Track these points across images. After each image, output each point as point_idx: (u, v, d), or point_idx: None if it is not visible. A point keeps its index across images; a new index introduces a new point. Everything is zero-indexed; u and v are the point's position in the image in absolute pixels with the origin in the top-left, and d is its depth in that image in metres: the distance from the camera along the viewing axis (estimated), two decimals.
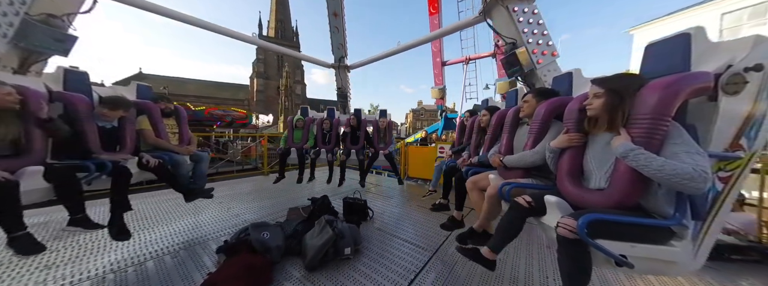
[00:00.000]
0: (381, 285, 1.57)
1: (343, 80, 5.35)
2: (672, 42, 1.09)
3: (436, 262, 1.84)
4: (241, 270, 1.47)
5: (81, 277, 1.53)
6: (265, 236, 1.78)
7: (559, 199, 1.12)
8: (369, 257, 1.88)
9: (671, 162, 0.85)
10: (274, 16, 46.17)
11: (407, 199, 3.46)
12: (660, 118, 0.92)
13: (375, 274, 1.68)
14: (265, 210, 2.85)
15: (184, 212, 2.67)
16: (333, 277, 1.63)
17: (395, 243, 2.12)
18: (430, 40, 4.19)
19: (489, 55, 7.14)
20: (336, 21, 4.85)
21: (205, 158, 2.47)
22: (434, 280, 1.62)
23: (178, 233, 2.20)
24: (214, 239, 2.08)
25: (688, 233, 0.94)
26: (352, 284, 1.57)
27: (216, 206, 2.91)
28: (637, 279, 1.63)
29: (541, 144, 1.43)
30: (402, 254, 1.94)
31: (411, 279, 1.63)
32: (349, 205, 2.58)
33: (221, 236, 2.14)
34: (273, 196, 3.43)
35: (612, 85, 1.05)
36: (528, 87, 2.54)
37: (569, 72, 1.72)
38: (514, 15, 2.43)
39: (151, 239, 2.05)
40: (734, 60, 0.93)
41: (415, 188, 4.22)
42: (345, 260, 1.81)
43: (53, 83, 1.81)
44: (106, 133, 1.83)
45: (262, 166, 5.29)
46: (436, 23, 7.52)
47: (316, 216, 2.19)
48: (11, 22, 1.65)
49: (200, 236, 2.14)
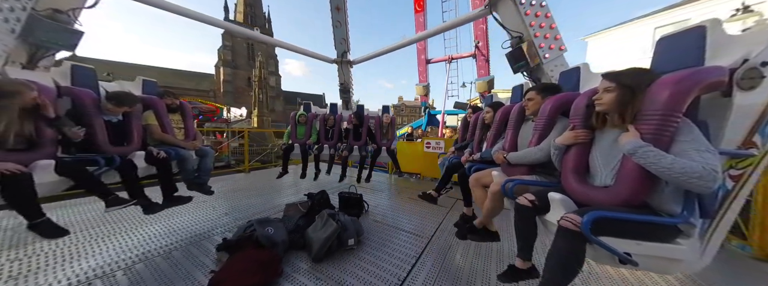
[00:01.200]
0: (386, 270, 1.72)
1: (346, 76, 5.32)
2: (686, 35, 1.05)
3: (433, 248, 2.05)
4: (252, 265, 1.50)
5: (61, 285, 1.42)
6: (269, 231, 1.81)
7: (564, 196, 1.10)
8: (371, 247, 2.01)
9: (680, 160, 0.83)
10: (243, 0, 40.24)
11: (398, 192, 3.68)
12: (671, 114, 0.89)
13: (379, 261, 1.83)
14: (254, 208, 2.84)
15: (162, 213, 2.38)
16: (340, 266, 1.74)
17: (393, 233, 2.29)
18: (433, 34, 4.12)
19: (470, 56, 7.20)
20: (338, 15, 4.79)
21: (210, 153, 2.50)
22: (433, 263, 1.83)
23: (161, 235, 2.14)
24: (208, 239, 2.08)
25: (696, 231, 0.93)
26: (359, 272, 1.68)
27: (200, 205, 2.85)
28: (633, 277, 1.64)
29: (546, 141, 1.41)
30: (401, 242, 2.12)
31: (412, 263, 1.80)
32: (346, 199, 2.62)
33: (214, 235, 2.14)
34: (260, 194, 3.43)
35: (625, 80, 1.01)
36: (533, 82, 2.49)
37: (577, 67, 1.68)
38: (521, 8, 2.36)
39: (136, 243, 1.99)
40: (750, 54, 0.89)
41: (402, 181, 4.34)
42: (349, 250, 1.92)
43: (61, 78, 1.84)
44: (113, 128, 1.87)
45: (239, 163, 5.22)
46: (421, 21, 7.49)
47: (316, 211, 2.23)
48: (18, 17, 1.66)
49: (190, 236, 2.12)
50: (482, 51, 6.66)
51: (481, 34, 6.91)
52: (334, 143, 3.85)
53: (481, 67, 6.73)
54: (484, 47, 6.79)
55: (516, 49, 2.44)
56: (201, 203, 2.93)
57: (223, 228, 2.30)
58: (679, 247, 0.92)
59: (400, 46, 4.52)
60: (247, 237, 1.76)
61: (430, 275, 1.68)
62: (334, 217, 1.98)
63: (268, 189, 3.69)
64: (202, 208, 2.80)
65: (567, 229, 0.93)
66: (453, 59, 7.68)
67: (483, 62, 6.79)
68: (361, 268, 1.72)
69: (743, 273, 1.79)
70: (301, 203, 2.53)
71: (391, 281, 1.60)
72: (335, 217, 1.98)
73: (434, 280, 1.63)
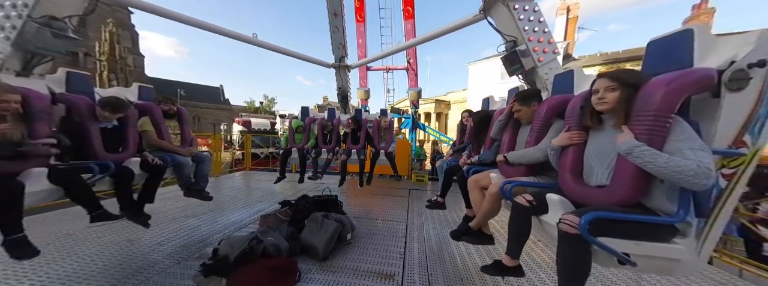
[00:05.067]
0: (386, 251, 2.04)
1: (344, 80, 5.35)
2: (675, 38, 1.08)
3: (412, 227, 2.55)
4: (272, 272, 1.51)
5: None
6: (273, 241, 1.79)
7: (562, 198, 1.11)
8: (364, 239, 2.26)
9: (675, 159, 0.84)
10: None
11: (360, 191, 3.95)
12: (663, 114, 0.91)
13: (377, 248, 2.10)
14: (203, 229, 2.43)
15: (116, 230, 2.21)
16: (349, 258, 1.91)
17: (374, 223, 2.64)
18: (427, 39, 4.16)
19: (403, 69, 8.31)
20: (336, 21, 4.84)
21: (207, 158, 2.48)
22: (418, 238, 2.32)
23: (119, 263, 1.78)
24: (179, 263, 1.79)
25: (692, 230, 0.94)
26: (366, 258, 1.91)
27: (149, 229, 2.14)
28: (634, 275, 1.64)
29: (544, 141, 1.43)
30: (386, 229, 2.48)
31: (404, 241, 2.22)
32: (323, 201, 2.57)
33: (186, 260, 1.84)
34: (199, 214, 2.83)
35: (627, 78, 1.02)
36: (528, 85, 2.53)
37: (571, 70, 1.71)
38: (515, 13, 2.41)
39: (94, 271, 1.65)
40: (737, 56, 0.92)
41: (354, 181, 4.49)
42: (347, 245, 2.08)
43: (56, 85, 1.82)
44: (107, 134, 1.85)
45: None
46: (362, 31, 7.94)
47: (302, 216, 2.21)
48: (14, 24, 1.66)
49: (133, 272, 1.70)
50: (413, 66, 7.93)
51: (411, 51, 7.96)
52: (332, 148, 3.84)
53: (411, 79, 8.03)
54: (414, 63, 7.96)
55: (511, 53, 2.48)
56: (129, 229, 2.30)
57: (176, 257, 1.91)
58: (676, 246, 0.93)
59: (395, 51, 4.58)
60: (248, 251, 1.62)
61: (420, 246, 2.17)
62: (328, 217, 2.07)
63: (204, 208, 2.97)
64: (151, 231, 2.22)
65: (567, 233, 0.94)
66: (390, 70, 8.91)
67: (413, 75, 8.01)
68: (366, 254, 1.97)
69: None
70: (280, 212, 2.42)
71: (395, 257, 1.96)
72: (329, 217, 2.07)
73: (424, 247, 2.14)
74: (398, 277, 1.72)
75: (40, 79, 1.82)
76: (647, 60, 1.17)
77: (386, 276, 1.71)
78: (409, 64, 7.87)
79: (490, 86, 15.51)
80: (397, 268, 1.82)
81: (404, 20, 7.59)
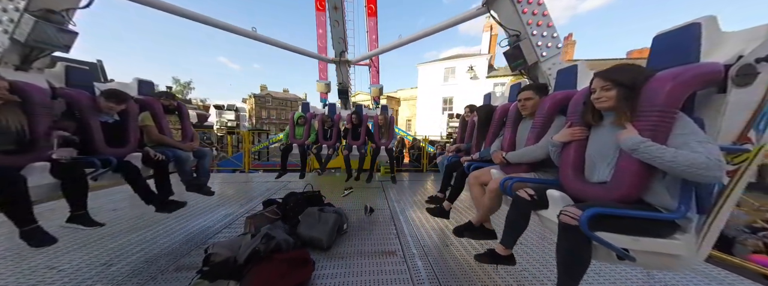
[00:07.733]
0: (384, 236, 2.19)
1: (344, 75, 5.32)
2: (681, 32, 1.06)
3: (396, 212, 2.77)
4: (290, 264, 1.54)
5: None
6: (282, 236, 1.80)
7: (562, 193, 1.11)
8: (358, 227, 2.39)
9: (683, 152, 0.83)
10: None
11: (335, 185, 3.95)
12: (668, 110, 0.90)
13: (373, 232, 2.26)
14: (178, 234, 2.14)
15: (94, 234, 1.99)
16: (350, 244, 2.03)
17: (361, 212, 2.77)
18: (430, 33, 4.11)
19: (366, 65, 8.32)
20: (336, 14, 4.77)
21: (208, 153, 2.49)
22: (405, 220, 2.55)
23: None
24: (154, 279, 1.52)
25: (692, 226, 0.93)
26: (367, 242, 2.06)
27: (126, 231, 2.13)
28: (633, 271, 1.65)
29: (545, 138, 1.42)
30: (374, 217, 2.66)
31: (393, 224, 2.45)
32: (308, 198, 2.52)
33: (161, 274, 1.57)
34: (160, 220, 2.36)
35: (619, 77, 1.01)
36: (531, 80, 2.50)
37: (574, 65, 1.69)
38: (519, 6, 2.37)
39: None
40: (745, 51, 0.90)
41: (325, 178, 4.63)
42: (344, 234, 2.18)
43: (56, 79, 1.82)
44: (108, 128, 1.85)
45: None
46: (322, 21, 7.77)
47: (294, 211, 2.22)
48: (12, 18, 1.64)
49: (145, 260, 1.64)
50: (375, 63, 8.13)
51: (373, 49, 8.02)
52: (332, 143, 3.84)
53: (374, 76, 8.26)
54: (376, 60, 8.14)
55: (513, 48, 2.45)
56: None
57: (144, 275, 1.57)
58: (675, 242, 0.93)
59: (399, 44, 4.53)
60: (257, 249, 1.57)
61: (408, 225, 2.42)
62: (324, 211, 2.13)
63: (158, 217, 2.32)
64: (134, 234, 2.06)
65: (567, 225, 0.94)
66: (351, 64, 8.68)
67: (375, 72, 8.23)
68: (364, 239, 2.12)
69: None
70: (268, 211, 2.31)
71: (391, 237, 2.17)
72: (325, 210, 2.14)
73: (412, 226, 2.40)
74: (400, 252, 1.92)
75: (40, 73, 1.82)
76: (652, 55, 1.15)
77: (389, 253, 1.92)
78: (371, 61, 7.97)
79: (434, 88, 17.68)
80: (396, 245, 2.03)
81: (367, 17, 7.78)
